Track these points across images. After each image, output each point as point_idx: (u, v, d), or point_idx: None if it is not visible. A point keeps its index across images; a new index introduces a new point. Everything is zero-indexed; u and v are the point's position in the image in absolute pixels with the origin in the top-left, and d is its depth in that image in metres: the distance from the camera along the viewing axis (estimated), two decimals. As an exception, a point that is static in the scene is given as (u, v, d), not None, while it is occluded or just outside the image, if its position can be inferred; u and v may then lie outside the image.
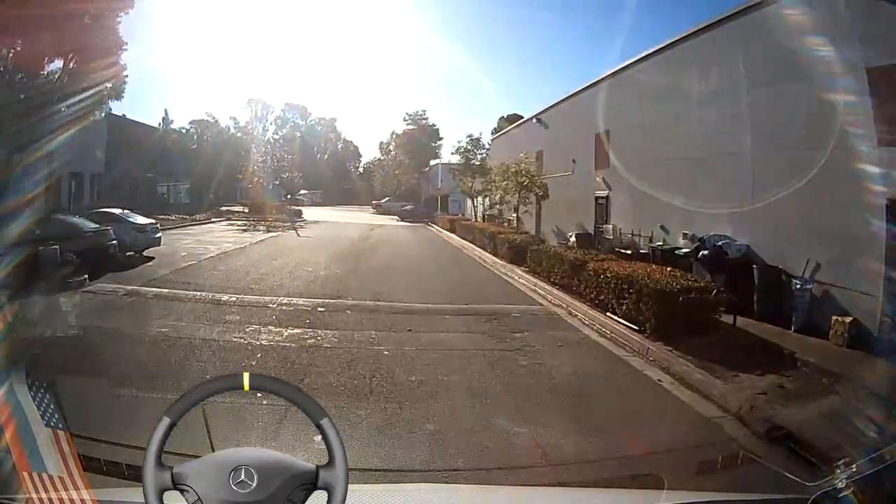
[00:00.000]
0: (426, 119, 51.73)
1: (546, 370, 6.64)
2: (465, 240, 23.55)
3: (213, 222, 28.36)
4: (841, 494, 1.61)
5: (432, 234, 29.95)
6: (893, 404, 5.25)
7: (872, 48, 8.11)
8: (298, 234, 23.45)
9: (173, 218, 25.68)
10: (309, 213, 37.77)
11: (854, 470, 1.63)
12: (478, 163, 28.65)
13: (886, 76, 7.86)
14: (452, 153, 29.10)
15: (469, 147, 29.63)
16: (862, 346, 7.54)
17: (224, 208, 35.32)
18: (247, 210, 33.72)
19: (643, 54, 15.53)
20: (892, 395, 5.76)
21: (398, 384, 5.80)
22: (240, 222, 28.66)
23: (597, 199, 18.14)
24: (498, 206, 26.89)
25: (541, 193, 20.56)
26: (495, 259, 17.26)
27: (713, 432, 4.99)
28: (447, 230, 29.23)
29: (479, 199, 29.43)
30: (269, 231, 24.20)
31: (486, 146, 29.99)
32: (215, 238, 20.12)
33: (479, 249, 20.24)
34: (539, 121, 23.85)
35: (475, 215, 30.07)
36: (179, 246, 16.67)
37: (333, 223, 31.98)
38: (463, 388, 5.77)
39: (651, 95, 14.94)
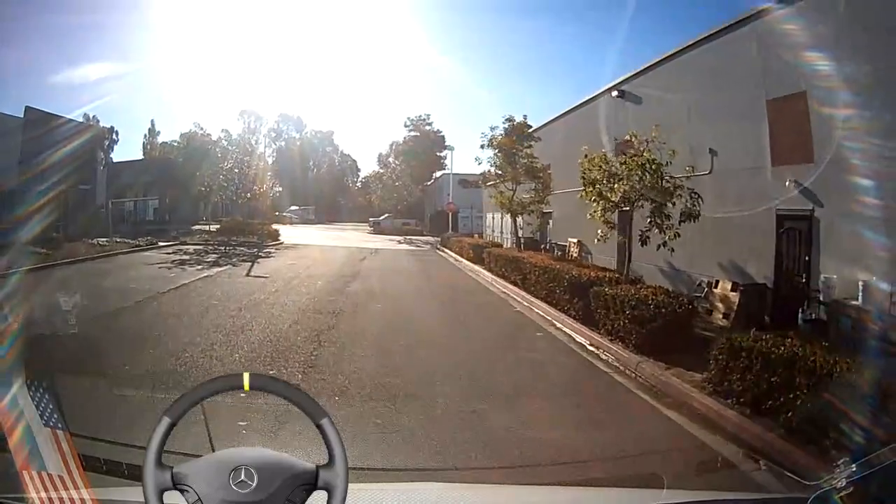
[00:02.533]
0: (430, 124, 48.44)
1: None
2: (509, 281, 14.55)
3: (156, 248, 22.57)
4: (841, 494, 1.62)
5: (451, 267, 21.20)
6: None
7: None
8: (250, 273, 16.16)
9: (103, 243, 21.06)
10: (292, 233, 33.09)
11: (853, 470, 1.64)
12: (525, 159, 18.67)
13: None
14: (483, 146, 19.92)
15: (509, 133, 19.16)
16: None
17: (197, 227, 31.95)
18: (216, 230, 29.63)
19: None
20: None
21: None
22: (192, 248, 23.12)
23: (782, 219, 9.82)
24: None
25: (687, 207, 9.92)
26: (653, 372, 6.87)
27: None
28: (469, 260, 20.69)
29: (525, 215, 19.86)
30: (215, 264, 17.85)
31: (535, 135, 19.91)
32: (123, 281, 13.48)
33: (553, 312, 10.79)
34: (622, 94, 15.59)
35: (517, 238, 20.45)
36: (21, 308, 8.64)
37: (315, 248, 25.78)
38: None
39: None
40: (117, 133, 47.18)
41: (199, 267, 17.12)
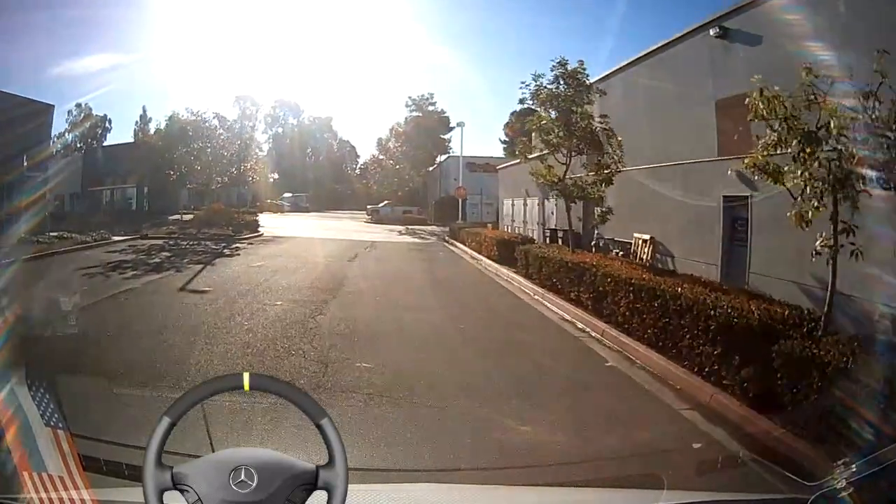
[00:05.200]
0: (434, 104, 44.67)
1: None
2: (567, 299, 10.13)
3: (106, 244, 19.19)
4: (841, 495, 1.62)
5: (471, 271, 16.12)
6: None
7: None
8: (188, 285, 11.60)
9: (43, 241, 17.57)
10: (278, 223, 29.96)
11: (854, 470, 1.65)
12: (584, 121, 12.45)
13: None
14: (523, 99, 13.90)
15: (565, 84, 12.72)
16: None
17: (174, 217, 28.69)
18: (189, 220, 26.83)
19: None
20: None
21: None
22: (148, 244, 19.60)
23: None
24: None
25: None
26: None
27: None
28: (494, 260, 16.16)
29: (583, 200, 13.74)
30: (156, 269, 13.81)
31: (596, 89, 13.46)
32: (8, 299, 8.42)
33: (678, 373, 6.12)
34: (723, 33, 10.63)
35: (552, 232, 16.77)
36: None
37: (296, 242, 22.15)
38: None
39: None
40: (110, 121, 46.25)
41: (133, 273, 12.99)
